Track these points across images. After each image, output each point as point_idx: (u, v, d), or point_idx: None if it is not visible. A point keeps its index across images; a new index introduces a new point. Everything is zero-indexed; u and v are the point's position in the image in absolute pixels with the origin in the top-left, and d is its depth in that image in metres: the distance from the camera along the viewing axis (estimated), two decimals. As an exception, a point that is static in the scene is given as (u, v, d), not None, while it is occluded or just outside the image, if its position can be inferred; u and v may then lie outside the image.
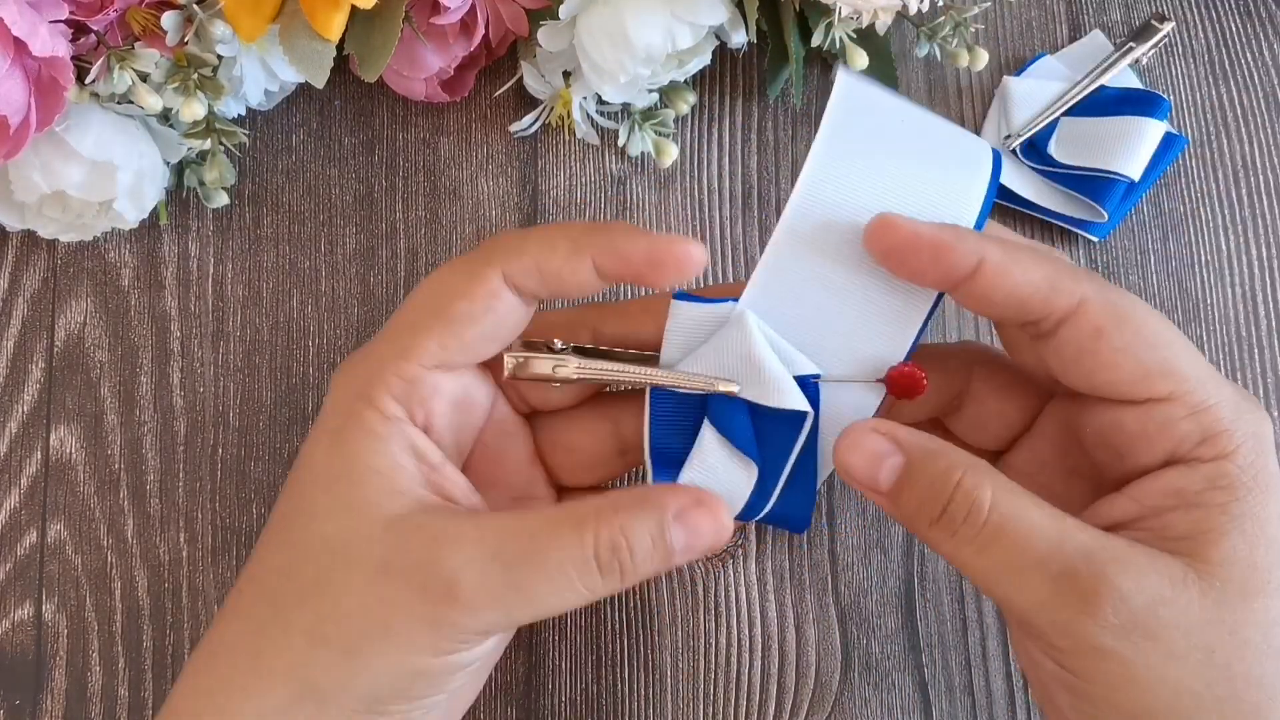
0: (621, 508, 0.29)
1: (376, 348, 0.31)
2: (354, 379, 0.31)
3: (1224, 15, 0.48)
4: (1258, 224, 0.45)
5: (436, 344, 0.30)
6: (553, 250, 0.30)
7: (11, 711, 0.40)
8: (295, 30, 0.39)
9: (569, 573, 0.28)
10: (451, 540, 0.28)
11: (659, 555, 0.29)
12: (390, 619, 0.28)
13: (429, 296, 0.31)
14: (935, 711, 0.40)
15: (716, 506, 0.29)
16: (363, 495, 0.29)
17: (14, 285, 0.44)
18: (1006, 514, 0.28)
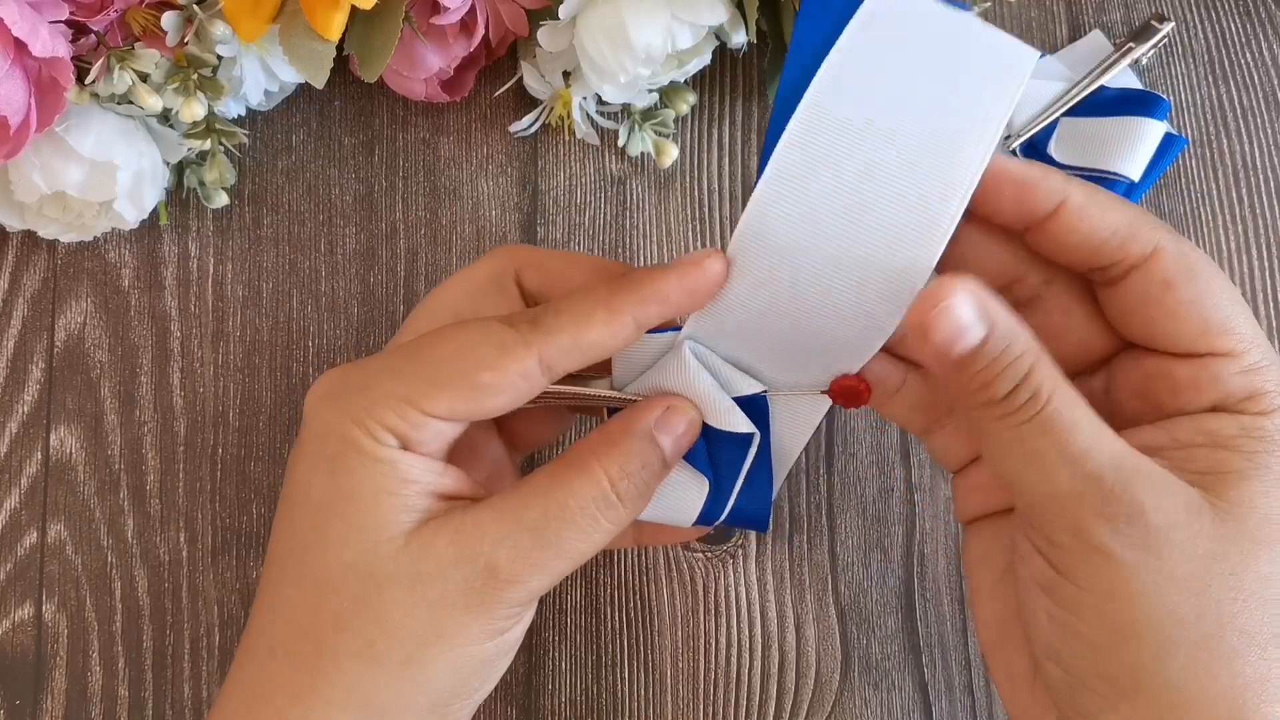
0: (615, 439, 0.31)
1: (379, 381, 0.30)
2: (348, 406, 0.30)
3: (1224, 15, 0.48)
4: (1258, 224, 0.45)
5: (448, 403, 0.30)
6: (590, 323, 0.30)
7: (11, 711, 0.40)
8: (295, 30, 0.39)
9: (592, 513, 0.30)
10: (474, 530, 0.29)
11: (657, 465, 0.31)
12: (441, 620, 0.29)
13: (452, 356, 0.30)
14: (935, 711, 0.40)
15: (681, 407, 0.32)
16: (377, 515, 0.29)
17: (14, 285, 0.44)
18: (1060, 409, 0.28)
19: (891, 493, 0.42)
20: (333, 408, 0.31)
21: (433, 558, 0.29)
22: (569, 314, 0.30)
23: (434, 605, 0.29)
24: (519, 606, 0.30)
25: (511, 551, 0.29)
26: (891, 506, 0.42)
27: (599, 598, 0.41)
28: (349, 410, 0.30)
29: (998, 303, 0.29)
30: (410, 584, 0.29)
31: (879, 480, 0.42)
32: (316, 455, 0.30)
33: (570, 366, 0.30)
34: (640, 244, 0.45)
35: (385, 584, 0.29)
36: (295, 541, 0.31)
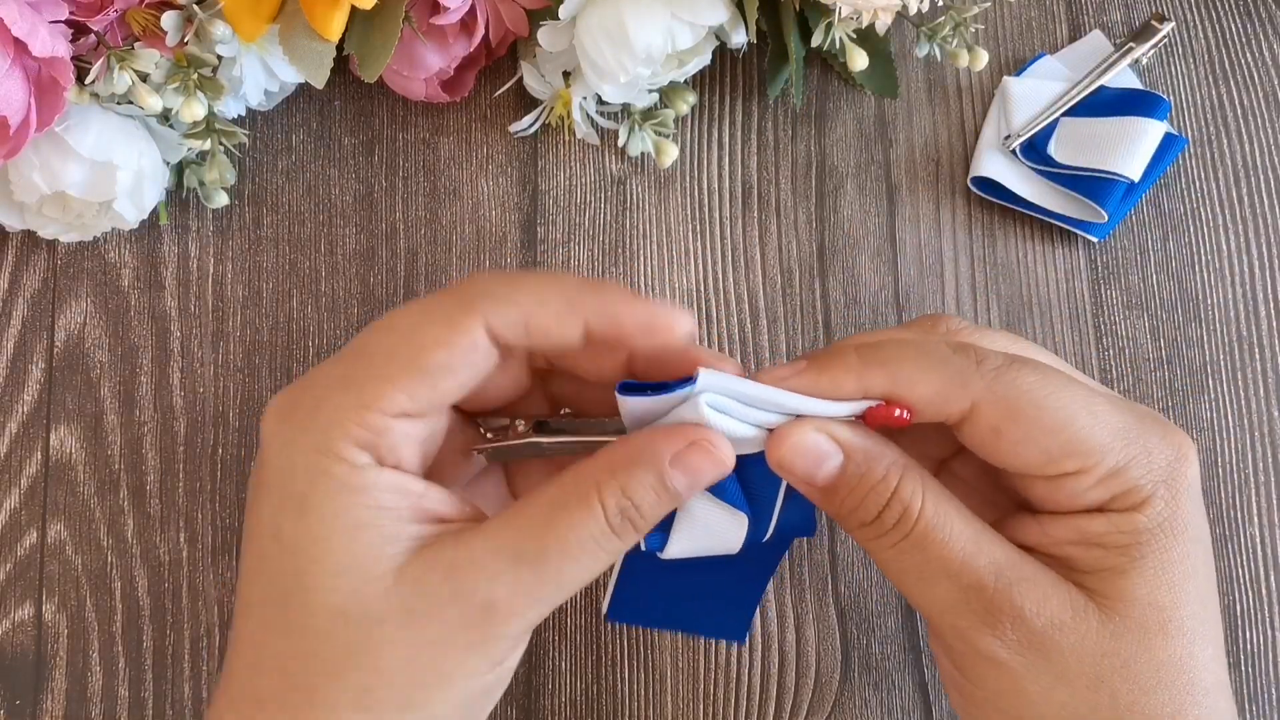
0: (618, 468, 0.29)
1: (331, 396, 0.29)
2: (306, 431, 0.28)
3: (1224, 15, 0.48)
4: (1258, 224, 0.45)
5: (405, 395, 0.28)
6: (544, 306, 0.29)
7: (11, 711, 0.40)
8: (295, 30, 0.39)
9: (589, 547, 0.28)
10: (469, 565, 0.28)
11: (665, 502, 0.29)
12: (439, 661, 0.28)
13: (399, 342, 0.29)
14: (935, 711, 0.40)
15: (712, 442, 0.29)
16: (359, 553, 0.28)
17: (14, 285, 0.44)
18: (932, 523, 0.29)
19: (891, 493, 0.42)
20: (290, 435, 0.29)
21: (427, 596, 0.28)
22: (528, 290, 0.29)
23: (431, 645, 0.28)
24: (518, 638, 0.29)
25: (510, 588, 0.28)
26: (891, 506, 0.42)
27: (598, 599, 0.41)
28: (308, 436, 0.28)
29: (851, 430, 0.30)
30: (404, 624, 0.28)
31: (879, 480, 0.42)
32: (283, 494, 0.29)
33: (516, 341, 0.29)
34: (640, 244, 0.45)
35: (378, 627, 0.28)
36: (273, 589, 0.29)
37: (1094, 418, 0.29)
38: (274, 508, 0.29)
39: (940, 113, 0.46)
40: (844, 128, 0.46)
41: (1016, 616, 0.29)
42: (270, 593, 0.29)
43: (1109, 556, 0.29)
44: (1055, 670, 0.29)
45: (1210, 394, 0.43)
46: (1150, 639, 0.29)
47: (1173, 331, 0.44)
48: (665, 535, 0.32)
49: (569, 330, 0.29)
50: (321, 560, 0.28)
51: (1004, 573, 0.29)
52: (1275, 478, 0.43)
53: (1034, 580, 0.29)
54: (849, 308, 0.44)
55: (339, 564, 0.28)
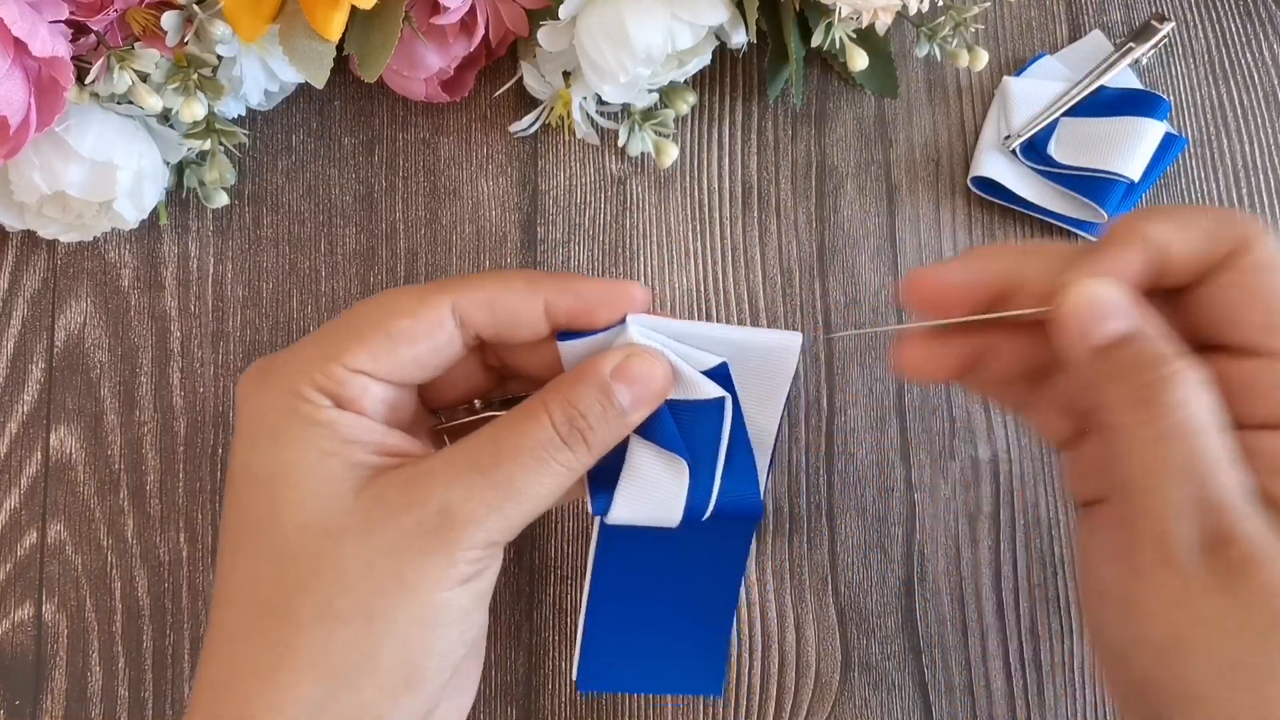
0: (564, 384, 0.31)
1: (300, 350, 0.31)
2: (276, 378, 0.31)
3: (1224, 15, 0.48)
4: (1258, 224, 0.45)
5: (367, 354, 0.30)
6: (508, 287, 0.31)
7: (11, 711, 0.40)
8: (295, 30, 0.39)
9: (541, 454, 0.30)
10: (425, 476, 0.29)
11: (612, 415, 0.31)
12: (399, 567, 0.29)
13: (369, 310, 0.31)
14: (935, 711, 0.40)
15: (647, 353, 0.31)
16: (323, 477, 0.29)
17: (14, 285, 0.44)
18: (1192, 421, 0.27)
19: (891, 493, 0.42)
20: (261, 386, 0.31)
21: (385, 505, 0.29)
22: (492, 277, 0.32)
23: (390, 552, 0.29)
24: (479, 550, 0.30)
25: (464, 492, 0.29)
26: (891, 506, 0.42)
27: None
28: (277, 383, 0.30)
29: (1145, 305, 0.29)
30: (364, 534, 0.29)
31: (879, 480, 0.42)
32: (254, 434, 0.30)
33: (482, 325, 0.31)
34: (640, 244, 0.45)
35: (340, 538, 0.29)
36: (246, 522, 0.30)
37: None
38: (246, 448, 0.31)
39: (940, 113, 0.46)
40: (844, 128, 0.46)
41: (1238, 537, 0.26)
42: (245, 521, 0.30)
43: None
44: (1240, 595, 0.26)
45: (1210, 394, 0.43)
46: None
47: (1173, 331, 0.44)
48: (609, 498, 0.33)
49: (532, 308, 0.31)
50: (291, 485, 0.29)
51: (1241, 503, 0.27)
52: (1275, 478, 0.43)
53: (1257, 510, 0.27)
54: (849, 308, 0.44)
55: (306, 487, 0.29)
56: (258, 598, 0.29)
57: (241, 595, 0.30)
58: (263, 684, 0.28)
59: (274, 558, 0.29)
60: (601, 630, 0.35)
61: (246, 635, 0.29)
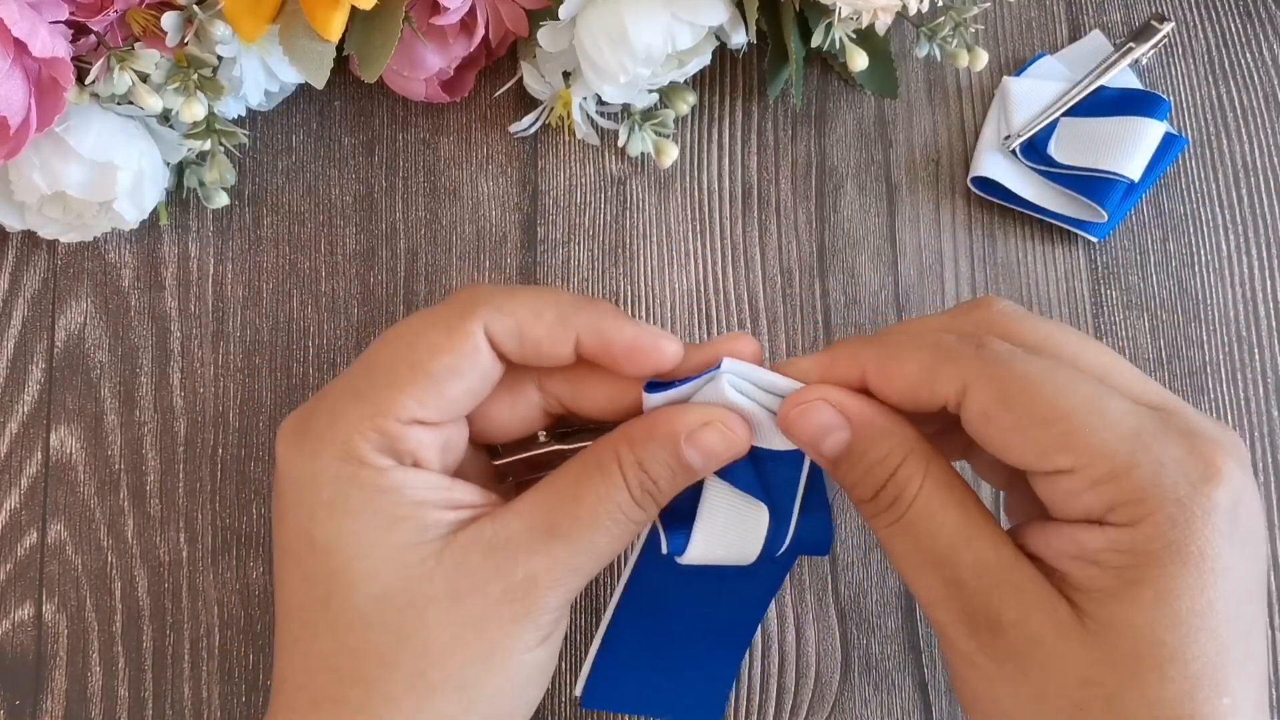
0: (636, 441, 0.30)
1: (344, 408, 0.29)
2: (324, 442, 0.29)
3: (1224, 15, 0.48)
4: (1258, 224, 0.45)
5: (415, 402, 0.29)
6: (539, 318, 0.30)
7: (11, 711, 0.40)
8: (295, 30, 0.39)
9: (617, 515, 0.30)
10: (506, 541, 0.29)
11: (681, 478, 0.30)
12: (489, 635, 0.29)
13: (403, 351, 0.30)
14: (935, 711, 0.40)
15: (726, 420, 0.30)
16: (398, 544, 0.29)
17: (14, 285, 0.44)
18: (922, 510, 0.29)
19: (891, 493, 0.42)
20: (304, 451, 0.30)
21: (470, 575, 0.29)
22: (522, 302, 0.30)
23: (479, 622, 0.28)
24: (558, 611, 0.30)
25: (548, 560, 0.29)
26: (891, 506, 0.42)
27: (599, 598, 0.41)
28: (327, 446, 0.29)
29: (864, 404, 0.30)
30: (450, 605, 0.28)
31: (879, 480, 0.42)
32: (310, 504, 0.29)
33: (510, 351, 0.30)
34: (640, 244, 0.45)
35: (425, 609, 0.28)
36: (313, 592, 0.29)
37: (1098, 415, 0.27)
38: (303, 517, 0.29)
39: (940, 113, 0.46)
40: (844, 128, 0.46)
41: (993, 622, 0.27)
42: (310, 596, 0.29)
43: (1103, 576, 0.26)
44: (1032, 688, 0.27)
45: (1210, 394, 0.43)
46: (1143, 675, 0.26)
47: (1173, 331, 0.44)
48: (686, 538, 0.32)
49: (560, 342, 0.30)
50: (360, 556, 0.29)
51: (989, 574, 0.27)
52: (1275, 478, 0.43)
53: (1020, 589, 0.27)
54: (849, 308, 0.44)
55: (379, 557, 0.29)
56: (339, 669, 0.29)
57: (322, 664, 0.29)
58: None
59: (351, 629, 0.29)
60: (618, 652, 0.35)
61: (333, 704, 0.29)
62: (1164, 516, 0.26)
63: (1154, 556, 0.26)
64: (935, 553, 0.28)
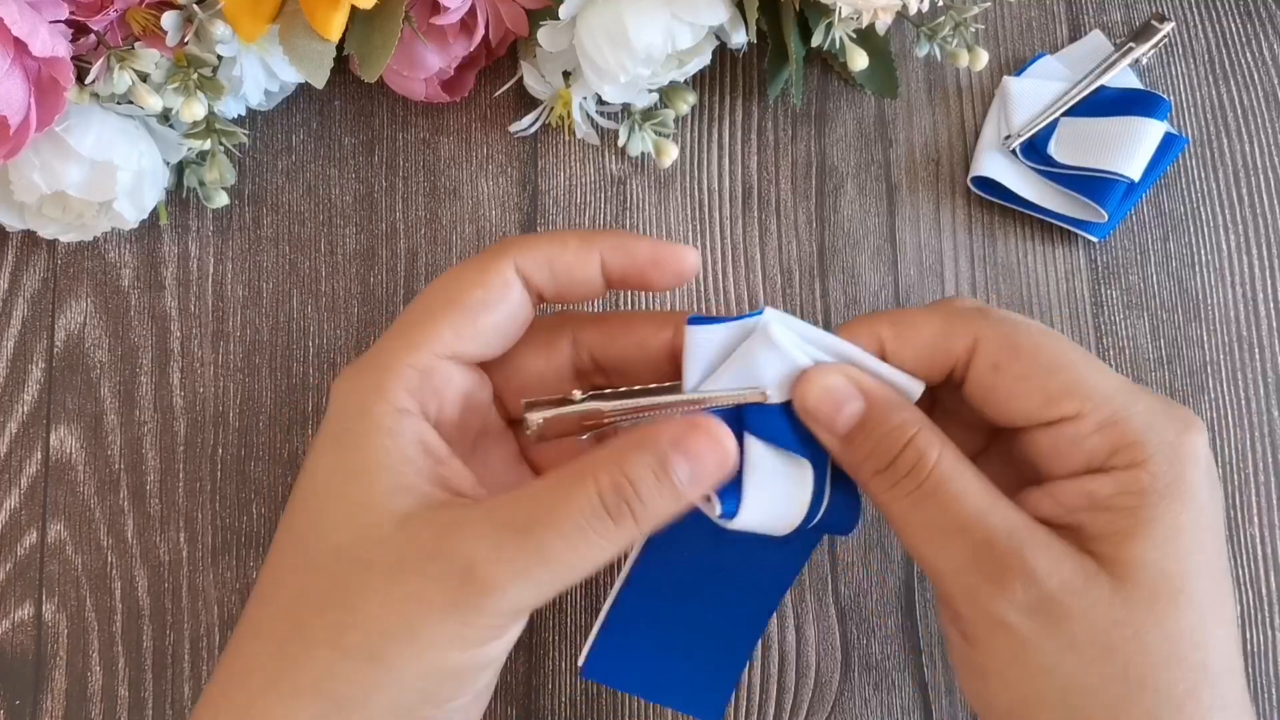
0: (620, 449, 0.28)
1: (386, 343, 0.31)
2: (363, 376, 0.31)
3: (1224, 15, 0.48)
4: (1258, 224, 0.45)
5: (451, 332, 0.31)
6: (564, 245, 0.32)
7: (11, 711, 0.40)
8: (295, 30, 0.39)
9: (581, 524, 0.27)
10: (461, 524, 0.28)
11: (666, 490, 0.28)
12: (412, 616, 0.28)
13: (440, 289, 0.32)
14: (935, 711, 0.40)
15: (713, 427, 0.28)
16: (371, 495, 0.29)
17: (14, 285, 0.44)
18: (946, 475, 0.29)
19: (891, 493, 0.42)
20: (350, 385, 0.31)
21: (415, 548, 0.28)
22: (546, 236, 0.32)
23: (408, 599, 0.28)
24: (499, 617, 0.28)
25: (491, 551, 0.27)
26: (891, 506, 0.42)
27: (599, 597, 0.41)
28: (363, 380, 0.31)
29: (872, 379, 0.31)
30: (390, 573, 0.28)
31: (879, 480, 0.42)
32: (329, 434, 0.31)
33: (542, 284, 0.32)
34: (640, 244, 0.45)
35: (368, 570, 0.29)
36: (297, 526, 0.31)
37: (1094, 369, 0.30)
38: (319, 449, 0.31)
39: (940, 113, 0.46)
40: (844, 128, 0.46)
41: (1028, 576, 0.28)
42: (293, 529, 0.31)
43: (1117, 519, 0.28)
44: (1065, 637, 0.28)
45: (1210, 394, 0.43)
46: (1162, 609, 0.28)
47: (1173, 331, 0.44)
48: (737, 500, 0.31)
49: (588, 265, 0.32)
50: (340, 495, 0.30)
51: (1016, 531, 0.28)
52: (1275, 478, 0.43)
53: (1046, 544, 0.28)
54: (849, 308, 0.44)
55: (352, 502, 0.29)
56: (283, 604, 0.30)
57: (272, 597, 0.30)
58: (268, 688, 0.29)
59: (307, 571, 0.30)
60: (624, 623, 0.34)
61: (265, 637, 0.30)
62: (1162, 458, 0.29)
63: (1160, 495, 0.28)
64: (962, 517, 0.29)
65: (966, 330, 0.30)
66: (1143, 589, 0.28)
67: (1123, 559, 0.28)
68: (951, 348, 0.31)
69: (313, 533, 0.30)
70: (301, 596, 0.29)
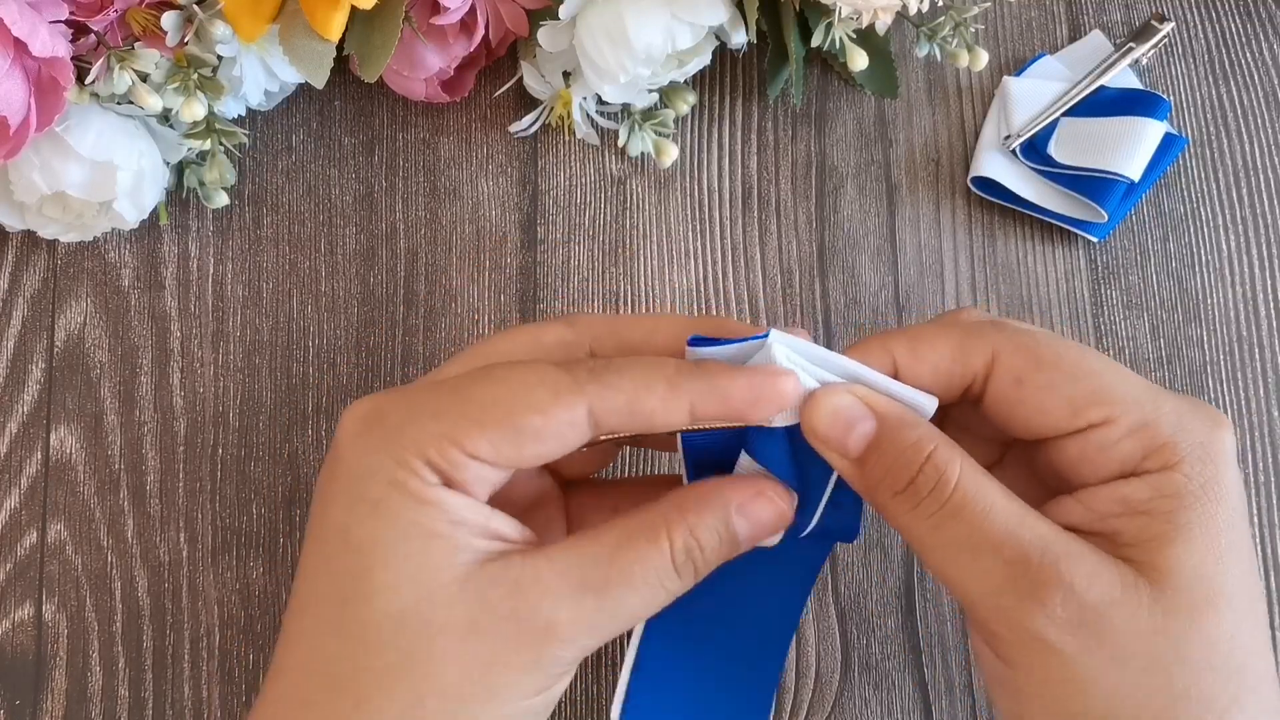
0: (688, 509, 0.29)
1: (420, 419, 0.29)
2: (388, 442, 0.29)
3: (1224, 15, 0.48)
4: (1258, 224, 0.45)
5: (489, 444, 0.28)
6: (650, 392, 0.29)
7: (11, 711, 0.40)
8: (295, 30, 0.39)
9: (653, 582, 0.29)
10: (534, 585, 0.28)
11: (727, 548, 0.30)
12: (492, 677, 0.28)
13: (500, 393, 0.29)
14: (935, 711, 0.40)
15: (776, 494, 0.30)
16: (427, 562, 0.28)
17: (14, 285, 0.44)
18: (971, 492, 0.28)
19: (891, 493, 0.42)
20: (372, 445, 0.29)
21: (488, 609, 0.28)
22: (630, 375, 0.29)
23: (487, 662, 0.28)
24: (567, 667, 0.29)
25: (573, 613, 0.28)
26: (891, 506, 0.42)
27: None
28: (390, 449, 0.28)
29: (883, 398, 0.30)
30: (464, 636, 0.28)
31: (879, 480, 0.42)
32: (357, 497, 0.29)
33: (618, 428, 0.29)
34: (640, 244, 0.45)
35: (437, 636, 0.28)
36: (334, 589, 0.29)
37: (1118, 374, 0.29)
38: (344, 509, 0.29)
39: (940, 113, 0.46)
40: (844, 128, 0.46)
41: (1067, 590, 0.27)
42: (331, 591, 0.29)
43: (1154, 524, 0.28)
44: (1109, 650, 0.27)
45: (1210, 394, 0.43)
46: (1200, 615, 0.27)
47: (1173, 331, 0.44)
48: None
49: (674, 413, 0.29)
50: (388, 564, 0.28)
51: (1051, 545, 0.27)
52: (1275, 478, 0.43)
53: (1081, 555, 0.27)
54: (849, 308, 0.44)
55: (406, 569, 0.28)
56: (338, 675, 0.28)
57: (321, 667, 0.29)
58: None
59: (360, 637, 0.28)
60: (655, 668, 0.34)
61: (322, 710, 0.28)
62: (1195, 459, 0.28)
63: (1195, 496, 0.28)
64: (992, 535, 0.28)
65: (983, 345, 0.30)
66: (1182, 595, 0.27)
67: (1160, 564, 0.27)
68: (969, 363, 0.30)
69: (359, 599, 0.28)
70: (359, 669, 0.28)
